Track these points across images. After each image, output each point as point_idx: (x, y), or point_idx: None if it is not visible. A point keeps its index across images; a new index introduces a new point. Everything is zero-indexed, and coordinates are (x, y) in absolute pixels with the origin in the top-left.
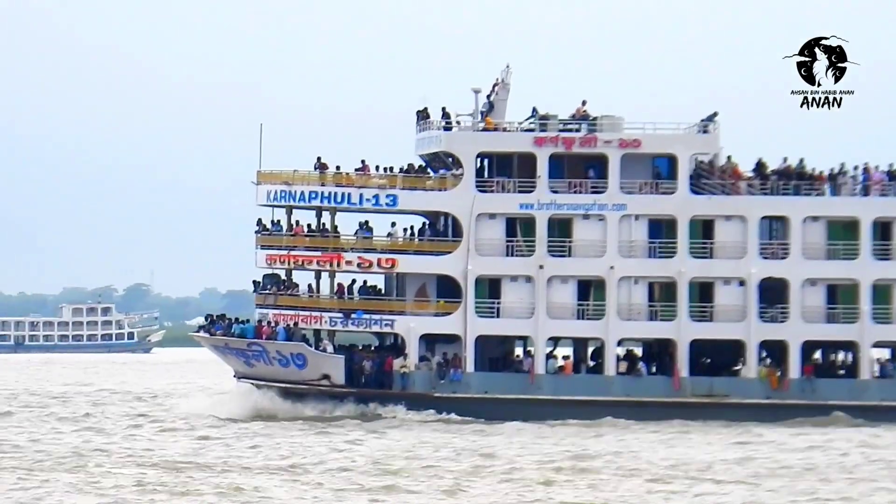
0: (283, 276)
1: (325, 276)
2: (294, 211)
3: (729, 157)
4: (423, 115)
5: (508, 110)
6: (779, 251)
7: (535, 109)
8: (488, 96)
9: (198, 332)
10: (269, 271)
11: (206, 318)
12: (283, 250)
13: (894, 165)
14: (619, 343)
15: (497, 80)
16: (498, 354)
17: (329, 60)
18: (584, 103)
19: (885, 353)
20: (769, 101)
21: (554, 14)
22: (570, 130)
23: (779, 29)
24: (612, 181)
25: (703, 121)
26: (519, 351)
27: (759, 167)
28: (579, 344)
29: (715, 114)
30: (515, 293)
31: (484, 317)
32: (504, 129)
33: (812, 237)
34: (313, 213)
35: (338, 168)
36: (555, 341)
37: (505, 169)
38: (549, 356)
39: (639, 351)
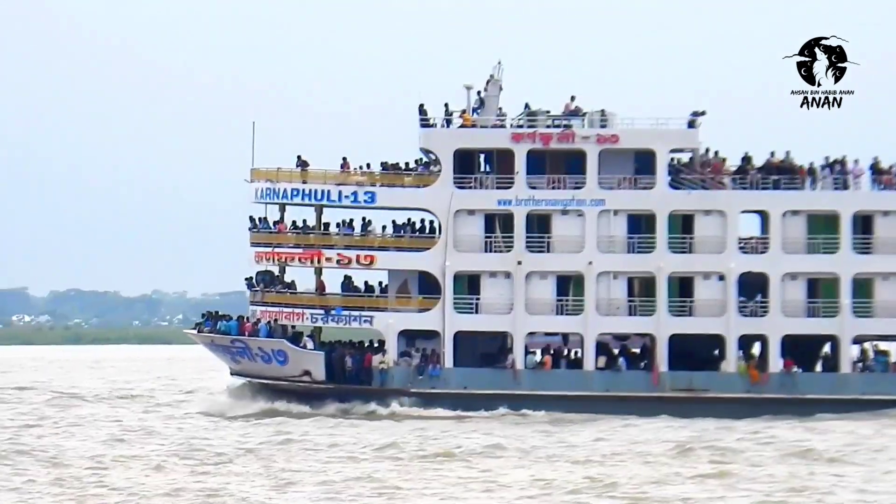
0: (277, 273)
1: (325, 272)
2: (288, 208)
3: (717, 153)
4: (424, 111)
5: (506, 107)
6: (758, 245)
7: (527, 105)
8: (478, 93)
9: (192, 329)
10: (262, 268)
11: (202, 316)
12: (269, 247)
13: (879, 159)
14: (623, 339)
15: (490, 76)
16: (492, 350)
17: (322, 56)
18: (572, 99)
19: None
20: (769, 100)
21: (551, 10)
22: (560, 126)
23: (779, 29)
24: (591, 177)
25: (691, 115)
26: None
27: (746, 161)
28: None
29: (703, 112)
30: (494, 289)
31: (463, 313)
32: (500, 125)
33: (792, 231)
34: (312, 210)
35: (348, 164)
36: (564, 337)
37: (492, 165)
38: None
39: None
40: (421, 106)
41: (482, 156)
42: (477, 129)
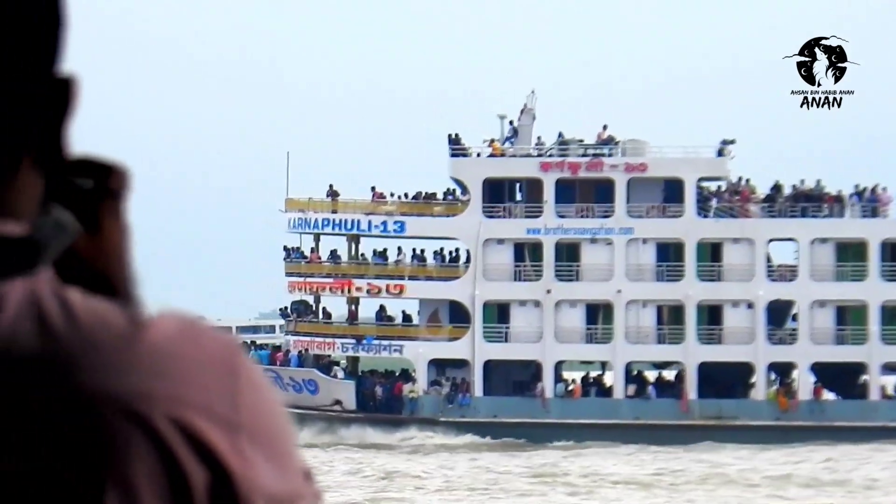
0: (312, 303)
1: (363, 302)
2: (322, 238)
3: (747, 181)
4: (455, 140)
5: (541, 136)
6: (787, 273)
7: (560, 134)
8: (511, 122)
9: None
10: (297, 298)
11: None
12: (301, 277)
13: None
14: (664, 367)
15: (524, 105)
16: (524, 378)
17: (355, 85)
18: (604, 128)
19: None
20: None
21: (582, 40)
22: (591, 155)
23: (779, 29)
24: (619, 205)
25: (720, 143)
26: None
27: (775, 190)
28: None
29: (732, 140)
30: (524, 318)
31: (492, 342)
32: (537, 154)
33: (820, 259)
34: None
35: (379, 194)
36: (602, 365)
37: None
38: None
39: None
40: (451, 136)
41: (517, 184)
42: (506, 158)
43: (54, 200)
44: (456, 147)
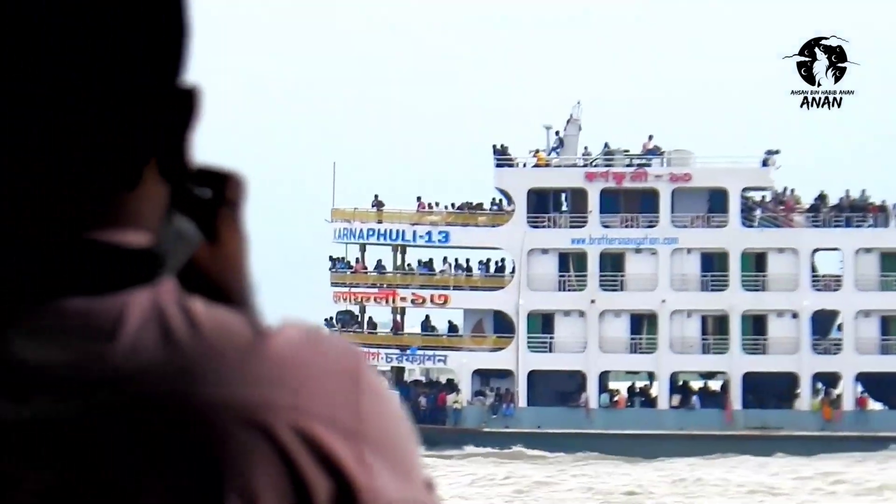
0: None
1: (409, 311)
2: (367, 248)
3: (792, 191)
4: (501, 151)
5: (587, 147)
6: (831, 283)
7: (606, 144)
8: (556, 133)
9: None
10: (342, 308)
11: None
12: (346, 287)
13: None
14: (709, 377)
15: (569, 116)
16: (568, 388)
17: (403, 95)
18: (650, 138)
19: None
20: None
21: (628, 50)
22: (641, 165)
23: (780, 29)
24: (664, 215)
25: (765, 153)
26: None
27: (820, 200)
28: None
29: (777, 151)
30: (568, 328)
31: (536, 352)
32: (582, 164)
33: (865, 269)
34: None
35: (427, 204)
36: (650, 375)
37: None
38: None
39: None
40: (497, 146)
41: (562, 194)
42: (551, 168)
43: (175, 210)
44: (501, 157)
